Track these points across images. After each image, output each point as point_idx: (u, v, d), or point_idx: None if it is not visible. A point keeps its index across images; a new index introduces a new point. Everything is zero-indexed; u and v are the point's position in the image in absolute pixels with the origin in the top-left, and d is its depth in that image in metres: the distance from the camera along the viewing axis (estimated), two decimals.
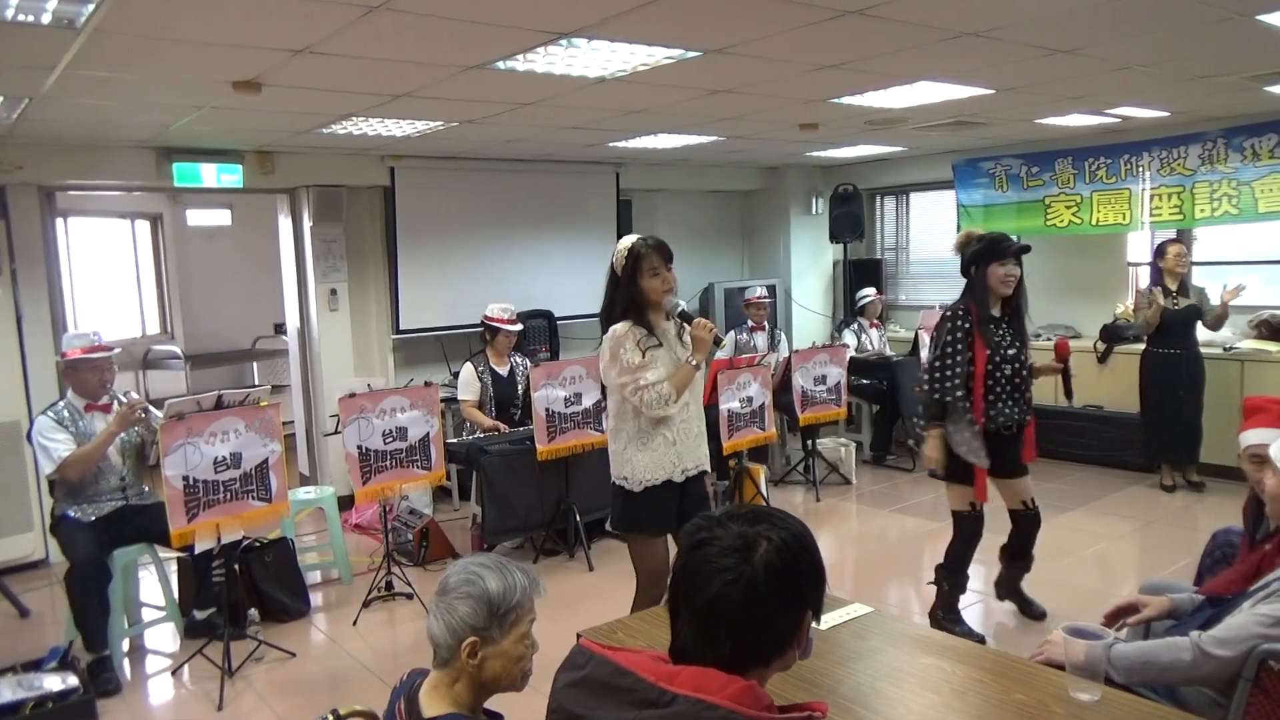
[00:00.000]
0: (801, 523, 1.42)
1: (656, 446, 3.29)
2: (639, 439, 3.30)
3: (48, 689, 3.60)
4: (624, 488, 3.34)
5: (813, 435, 6.72)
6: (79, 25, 2.99)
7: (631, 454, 3.31)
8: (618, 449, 3.36)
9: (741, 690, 1.28)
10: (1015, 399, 3.90)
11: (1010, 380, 3.88)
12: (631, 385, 3.19)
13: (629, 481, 3.32)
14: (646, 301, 3.26)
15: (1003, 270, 3.81)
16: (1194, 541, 3.39)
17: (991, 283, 3.84)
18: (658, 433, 3.29)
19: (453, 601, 1.72)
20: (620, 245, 3.29)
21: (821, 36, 3.54)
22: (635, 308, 3.26)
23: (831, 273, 9.25)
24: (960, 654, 2.24)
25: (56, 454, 3.97)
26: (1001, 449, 3.91)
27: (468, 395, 5.77)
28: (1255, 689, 2.03)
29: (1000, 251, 3.82)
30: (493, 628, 1.71)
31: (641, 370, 3.19)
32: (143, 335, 8.96)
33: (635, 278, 3.22)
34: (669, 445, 3.30)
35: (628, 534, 3.45)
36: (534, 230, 7.48)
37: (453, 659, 1.72)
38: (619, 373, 3.22)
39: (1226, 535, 2.96)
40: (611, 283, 3.31)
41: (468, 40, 3.41)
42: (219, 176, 5.95)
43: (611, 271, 3.31)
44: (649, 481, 3.29)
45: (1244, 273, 6.79)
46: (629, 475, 3.32)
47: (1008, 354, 3.87)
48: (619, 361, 3.22)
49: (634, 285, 3.23)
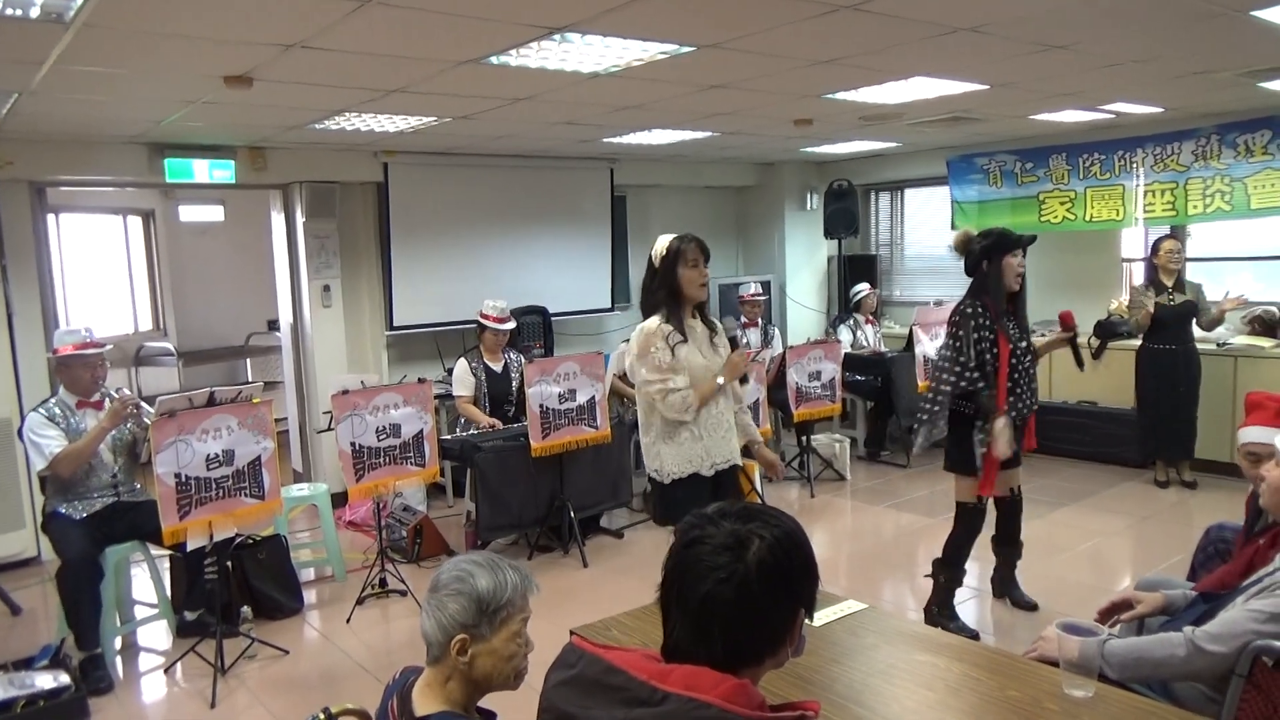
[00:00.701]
0: (794, 519, 1.41)
1: (682, 441, 3.39)
2: (666, 433, 3.41)
3: (39, 687, 3.59)
4: (657, 480, 3.47)
5: (807, 431, 6.72)
6: (68, 19, 2.96)
7: (660, 448, 3.43)
8: (648, 442, 3.48)
9: (734, 689, 1.28)
10: (1029, 388, 3.97)
11: (1025, 372, 3.95)
12: (660, 386, 3.31)
13: (659, 474, 3.44)
14: (683, 292, 3.36)
15: (1015, 261, 3.87)
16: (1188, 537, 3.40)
17: (1006, 276, 3.88)
18: (684, 428, 3.39)
19: (443, 599, 1.71)
20: (660, 240, 3.42)
21: (815, 32, 3.53)
22: (673, 297, 3.37)
23: (826, 269, 9.25)
24: (955, 651, 2.24)
25: (48, 450, 3.95)
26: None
27: (462, 391, 5.76)
28: (1248, 685, 2.03)
29: (1013, 242, 3.87)
30: (482, 625, 1.71)
31: (671, 372, 3.30)
32: (135, 332, 8.93)
33: (675, 267, 3.35)
34: (695, 440, 3.40)
35: (664, 525, 3.56)
36: (528, 226, 7.46)
37: (444, 656, 1.71)
38: (649, 370, 3.32)
39: (1220, 531, 2.97)
40: (650, 274, 3.43)
41: (460, 35, 3.40)
42: (211, 172, 5.91)
43: (650, 264, 3.43)
44: (676, 474, 3.40)
45: (1237, 269, 6.82)
46: (659, 468, 3.44)
47: (1020, 346, 3.93)
48: (649, 359, 3.32)
49: (673, 275, 3.35)
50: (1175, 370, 6.01)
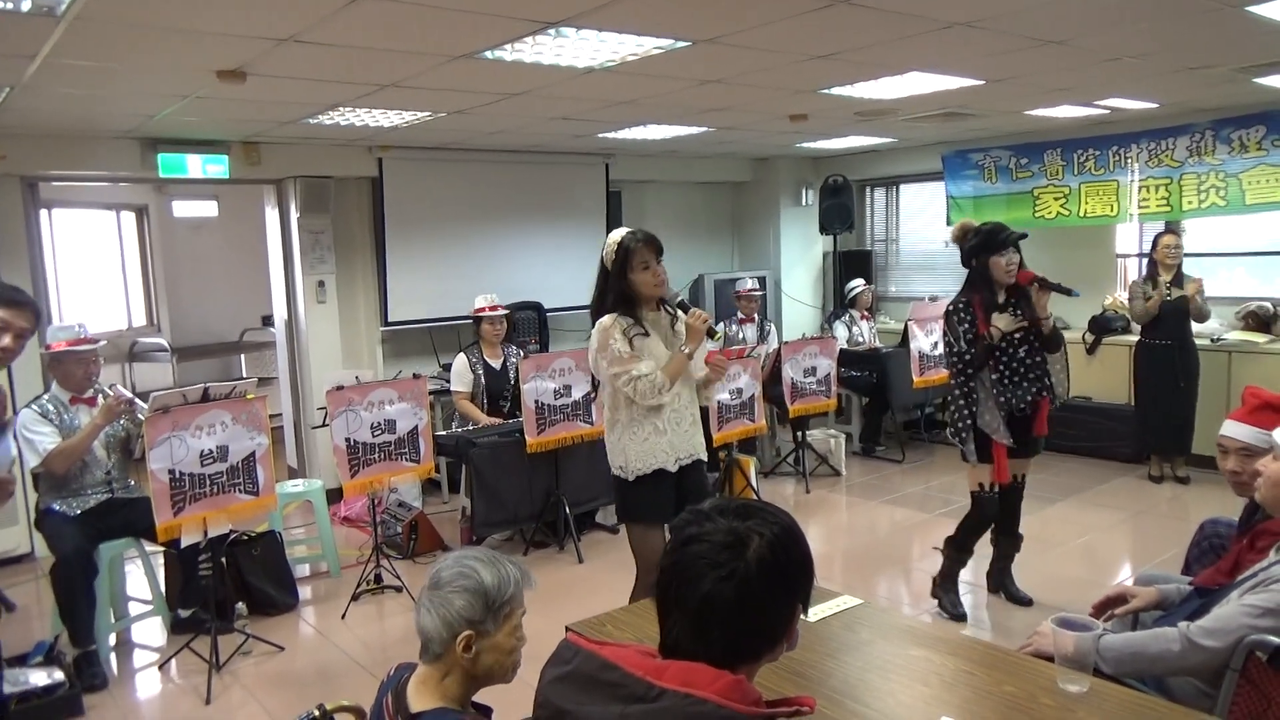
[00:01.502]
0: (789, 515, 1.41)
1: (647, 436, 3.31)
2: (631, 428, 3.33)
3: (33, 684, 3.58)
4: (620, 477, 3.38)
5: (802, 427, 6.73)
6: (59, 13, 2.95)
7: (625, 443, 3.34)
8: (614, 439, 3.40)
9: (729, 684, 1.28)
10: (1031, 379, 3.96)
11: (1024, 362, 3.95)
12: (625, 376, 3.22)
13: (624, 470, 3.35)
14: (637, 295, 3.27)
15: (1004, 260, 3.87)
16: (1182, 532, 3.40)
17: (995, 274, 3.90)
18: (648, 422, 3.31)
19: (448, 595, 1.71)
20: (610, 239, 3.30)
21: (811, 27, 3.52)
22: (625, 301, 3.27)
23: (821, 264, 9.25)
24: (950, 646, 2.24)
25: (41, 447, 3.93)
26: (1017, 428, 3.97)
27: (460, 386, 5.75)
28: (1242, 679, 2.03)
29: (998, 244, 3.88)
30: (488, 621, 1.72)
31: (633, 361, 3.22)
32: (129, 328, 8.89)
33: (625, 272, 3.24)
34: (659, 434, 3.32)
35: (626, 523, 3.49)
36: (523, 222, 7.45)
37: (445, 653, 1.71)
38: (610, 363, 3.25)
39: (1214, 526, 2.97)
40: (602, 276, 3.33)
41: (455, 29, 3.38)
42: (205, 167, 5.90)
43: (601, 265, 3.32)
44: (641, 470, 3.32)
45: (1231, 264, 6.83)
46: (624, 464, 3.35)
47: (1014, 337, 3.92)
48: (609, 352, 3.24)
49: (624, 280, 3.24)
50: (1173, 365, 6.02)
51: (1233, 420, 2.55)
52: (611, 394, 3.36)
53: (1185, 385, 6.02)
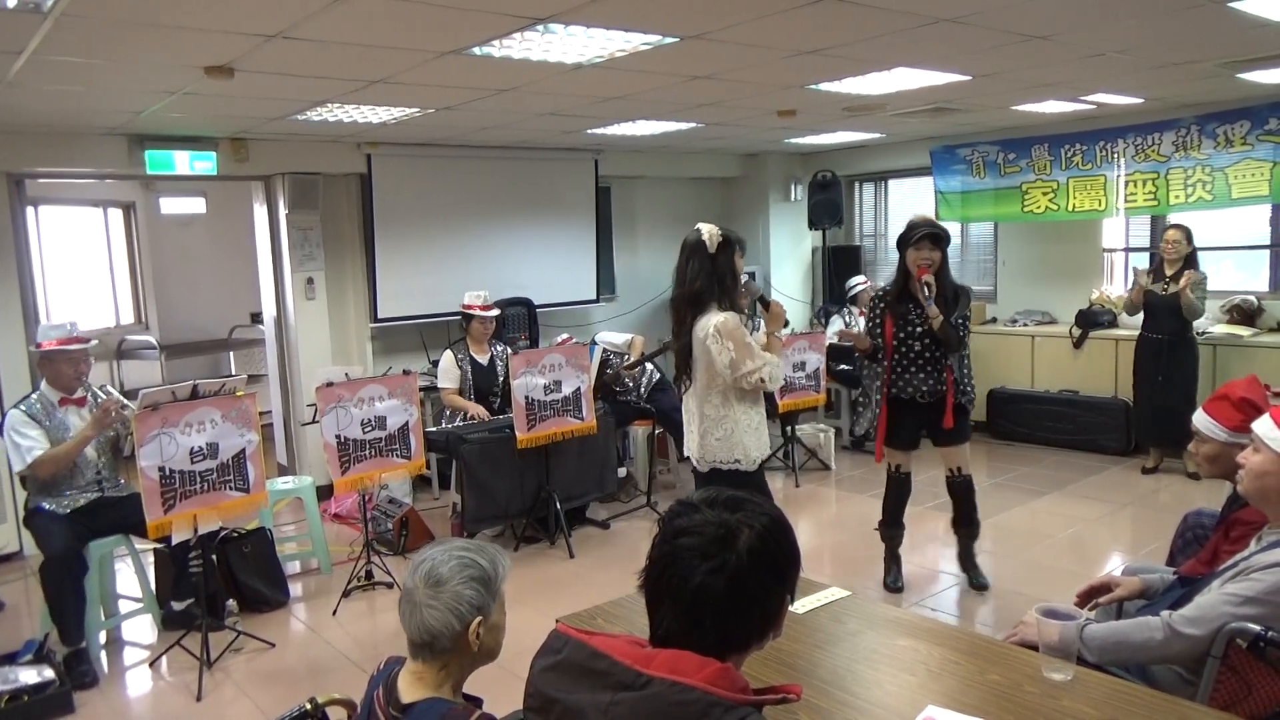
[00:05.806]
0: (776, 506, 1.43)
1: (758, 424, 3.51)
2: (745, 420, 3.46)
3: (23, 682, 3.58)
4: (739, 469, 3.47)
5: (792, 421, 6.75)
6: (45, 9, 2.94)
7: (740, 436, 3.46)
8: (721, 435, 3.48)
9: (717, 672, 1.29)
10: (928, 371, 4.18)
11: (920, 355, 4.18)
12: (767, 367, 3.36)
13: (744, 461, 3.46)
14: (734, 283, 3.45)
15: (916, 254, 4.09)
16: (1167, 524, 3.44)
17: (910, 266, 4.12)
18: (755, 410, 3.50)
19: (457, 589, 1.71)
20: (706, 228, 3.45)
21: (799, 22, 3.53)
22: (728, 290, 3.44)
23: (810, 259, 9.27)
24: (936, 636, 2.26)
25: (30, 452, 3.91)
26: (921, 416, 4.25)
27: (448, 383, 5.75)
28: (1223, 666, 2.06)
29: (907, 238, 4.14)
30: (489, 603, 1.75)
31: (759, 352, 3.40)
32: (117, 325, 8.86)
33: (733, 259, 3.44)
34: (764, 420, 3.54)
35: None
36: (513, 217, 7.44)
37: (455, 645, 1.72)
38: (752, 358, 3.35)
39: (1198, 517, 3.00)
40: (707, 260, 3.42)
41: (443, 25, 3.38)
42: (192, 164, 5.87)
43: (703, 250, 3.41)
44: (760, 456, 3.50)
45: (1217, 258, 6.88)
46: (742, 456, 3.46)
47: (915, 331, 4.16)
48: (748, 347, 3.36)
49: (731, 266, 3.43)
50: (1170, 358, 6.05)
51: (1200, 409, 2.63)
52: (722, 390, 3.43)
53: (1166, 379, 6.04)
